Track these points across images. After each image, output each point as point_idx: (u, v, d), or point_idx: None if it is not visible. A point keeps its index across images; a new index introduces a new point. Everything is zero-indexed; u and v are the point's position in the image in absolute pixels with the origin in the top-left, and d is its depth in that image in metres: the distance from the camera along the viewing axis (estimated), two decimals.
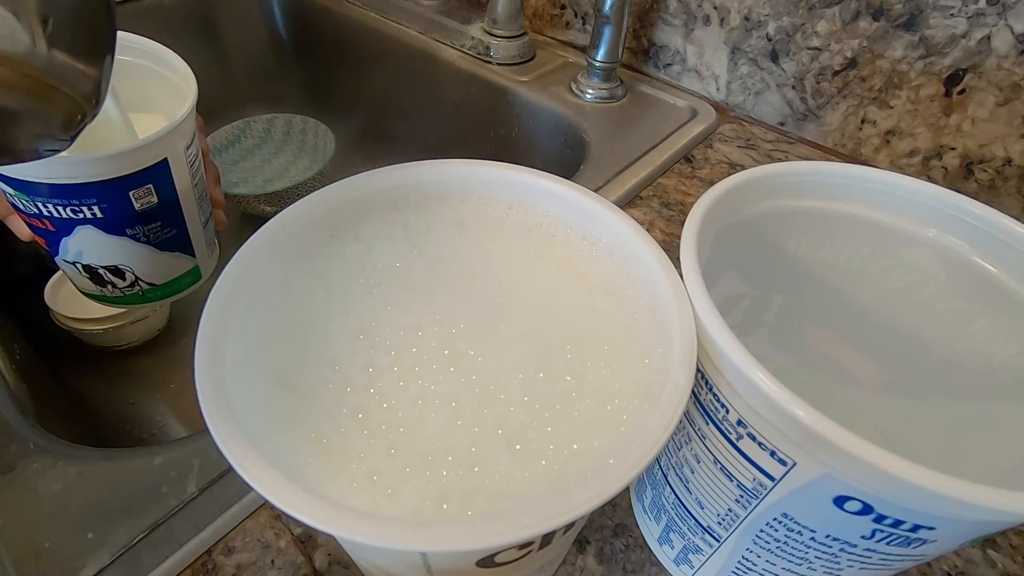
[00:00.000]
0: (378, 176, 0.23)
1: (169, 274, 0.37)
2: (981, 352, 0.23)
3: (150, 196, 0.32)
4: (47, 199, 0.30)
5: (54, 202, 0.30)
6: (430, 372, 0.19)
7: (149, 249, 0.35)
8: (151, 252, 0.35)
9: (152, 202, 0.32)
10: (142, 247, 0.34)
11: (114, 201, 0.31)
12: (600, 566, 0.27)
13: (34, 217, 0.31)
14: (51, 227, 0.32)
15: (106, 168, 0.30)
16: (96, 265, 0.35)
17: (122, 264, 0.35)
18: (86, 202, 0.31)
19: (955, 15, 0.42)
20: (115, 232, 0.33)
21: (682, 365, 0.17)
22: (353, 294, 0.21)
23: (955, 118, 0.45)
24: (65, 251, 0.34)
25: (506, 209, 0.24)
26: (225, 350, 0.17)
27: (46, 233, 0.33)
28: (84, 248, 0.33)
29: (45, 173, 0.29)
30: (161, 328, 0.53)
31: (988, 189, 0.46)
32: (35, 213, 0.31)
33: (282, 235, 0.20)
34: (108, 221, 0.32)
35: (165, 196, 0.33)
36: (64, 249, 0.33)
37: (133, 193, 0.31)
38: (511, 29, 0.60)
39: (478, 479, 0.16)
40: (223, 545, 0.27)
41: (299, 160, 0.73)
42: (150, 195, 0.32)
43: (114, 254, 0.34)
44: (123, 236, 0.33)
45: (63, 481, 0.28)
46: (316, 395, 0.18)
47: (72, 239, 0.33)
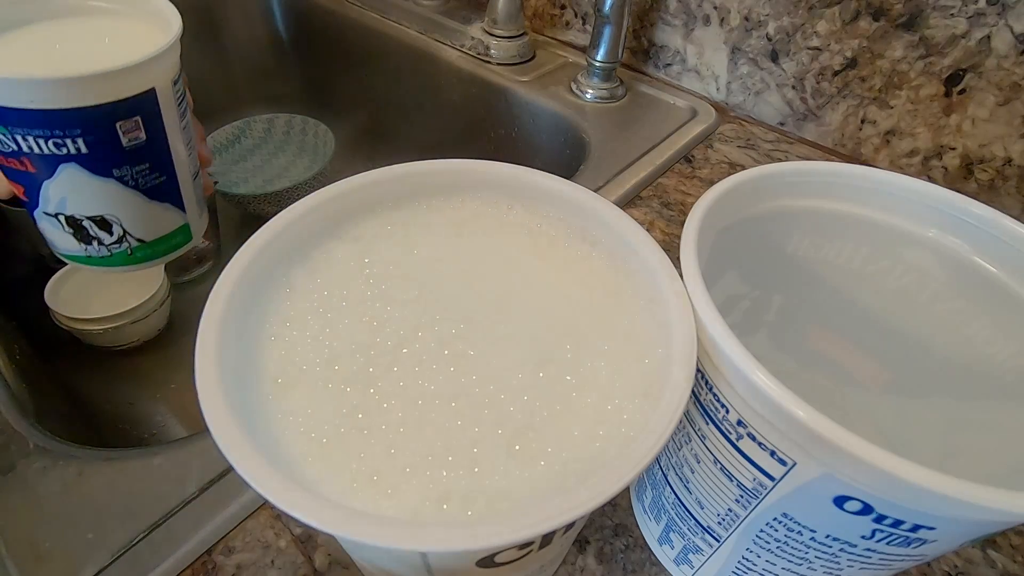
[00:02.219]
0: (378, 176, 0.23)
1: (159, 229, 0.35)
2: (981, 352, 0.23)
3: (138, 131, 0.30)
4: (27, 130, 0.28)
5: (35, 134, 0.28)
6: (430, 372, 0.19)
7: (138, 196, 0.33)
8: (140, 200, 0.33)
9: (140, 138, 0.31)
10: (130, 193, 0.32)
11: (100, 133, 0.29)
12: (600, 566, 0.27)
13: (12, 157, 0.29)
14: (31, 167, 0.30)
15: (91, 91, 0.28)
16: (81, 216, 0.32)
17: (109, 214, 0.33)
18: (70, 133, 0.29)
19: (955, 15, 0.42)
20: (101, 172, 0.31)
21: (682, 365, 0.17)
22: (353, 294, 0.21)
23: (955, 118, 0.45)
24: (46, 200, 0.32)
25: (506, 209, 0.24)
26: (225, 350, 0.17)
27: (26, 178, 0.31)
28: (68, 194, 0.31)
29: (26, 97, 0.27)
30: (161, 328, 0.53)
31: (988, 189, 0.46)
32: (13, 151, 0.29)
33: (282, 235, 0.20)
34: (94, 158, 0.30)
35: (153, 133, 0.31)
36: (45, 197, 0.31)
37: (120, 125, 0.30)
38: (511, 29, 0.60)
39: (478, 479, 0.16)
40: (223, 545, 0.27)
41: (299, 160, 0.74)
42: (138, 129, 0.30)
43: (101, 200, 0.32)
44: (110, 178, 0.31)
45: (63, 481, 0.28)
46: (316, 395, 0.18)
47: (54, 182, 0.31)
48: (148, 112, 0.31)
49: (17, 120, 0.28)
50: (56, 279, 0.48)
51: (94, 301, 0.49)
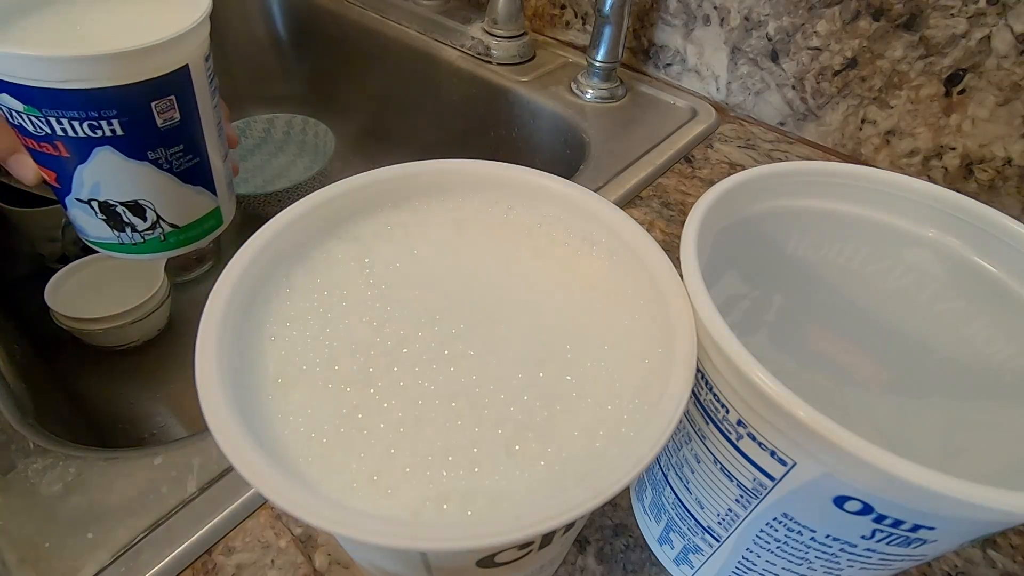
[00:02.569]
0: (378, 176, 0.23)
1: (192, 214, 0.34)
2: (981, 352, 0.23)
3: (172, 111, 0.30)
4: (62, 112, 0.27)
5: (70, 115, 0.27)
6: (430, 372, 0.19)
7: (171, 180, 0.32)
8: (174, 184, 0.32)
9: (175, 119, 0.30)
10: (164, 176, 0.31)
11: (136, 114, 0.28)
12: (600, 566, 0.27)
13: (45, 141, 0.28)
14: (65, 152, 0.29)
15: (128, 69, 0.27)
16: (114, 201, 0.31)
17: (143, 199, 0.32)
18: (105, 114, 0.28)
19: (955, 15, 0.42)
20: (136, 155, 0.30)
21: (682, 365, 0.17)
22: (353, 294, 0.21)
23: (955, 118, 0.45)
24: (80, 186, 0.30)
25: (506, 209, 0.24)
26: (226, 350, 0.17)
27: (58, 163, 0.30)
28: (102, 178, 0.30)
29: (61, 75, 0.26)
30: (161, 328, 0.53)
31: (988, 189, 0.46)
32: (46, 135, 0.28)
33: (282, 235, 0.20)
34: (129, 140, 0.29)
35: (187, 113, 0.30)
36: (79, 183, 0.30)
37: (156, 105, 0.29)
38: (511, 29, 0.60)
39: (478, 479, 0.16)
40: (223, 545, 0.27)
41: (299, 160, 0.74)
42: (172, 109, 0.29)
43: (135, 185, 0.31)
44: (144, 161, 0.30)
45: (63, 481, 0.28)
46: (316, 395, 0.18)
47: (88, 167, 0.30)
48: (182, 90, 0.30)
49: (51, 101, 0.27)
50: (56, 279, 0.48)
51: (94, 301, 0.49)
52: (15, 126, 0.29)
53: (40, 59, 0.26)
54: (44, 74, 0.26)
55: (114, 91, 0.27)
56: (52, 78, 0.26)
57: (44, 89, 0.26)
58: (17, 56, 0.25)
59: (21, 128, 0.28)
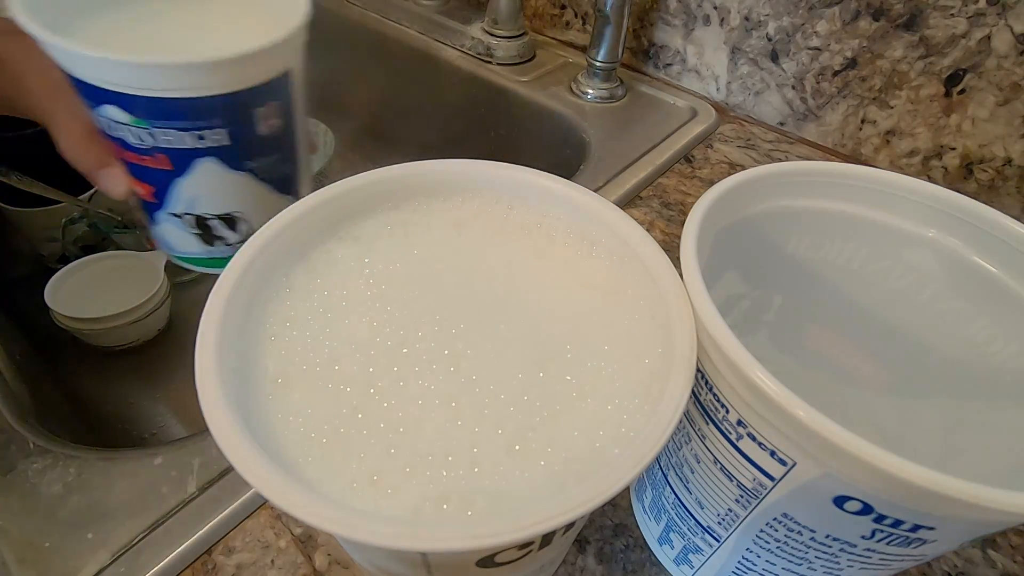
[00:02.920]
0: (378, 176, 0.23)
1: None
2: (981, 352, 0.23)
3: (274, 117, 0.28)
4: (167, 122, 0.26)
5: (176, 126, 0.26)
6: (430, 372, 0.19)
7: (266, 189, 0.30)
8: (268, 193, 0.31)
9: (276, 126, 0.28)
10: (261, 187, 0.30)
11: (241, 122, 0.27)
12: (600, 566, 0.27)
13: (146, 154, 0.27)
14: (168, 165, 0.27)
15: (237, 75, 0.25)
16: (210, 215, 0.30)
17: (237, 211, 0.30)
18: (213, 123, 0.26)
19: (955, 15, 0.42)
20: (237, 166, 0.28)
21: (682, 365, 0.17)
22: (353, 294, 0.21)
23: (955, 118, 0.45)
24: (176, 200, 0.29)
25: (506, 209, 0.24)
26: (225, 350, 0.17)
27: (156, 177, 0.28)
28: (201, 191, 0.29)
29: (169, 84, 0.24)
30: (161, 328, 0.53)
31: (988, 189, 0.46)
32: (150, 148, 0.27)
33: (282, 235, 0.20)
34: (232, 150, 0.28)
35: (287, 120, 0.29)
36: (176, 197, 0.29)
37: (260, 111, 0.27)
38: (511, 29, 0.60)
39: (478, 479, 0.16)
40: (223, 545, 0.27)
41: None
42: (274, 116, 0.28)
43: (233, 196, 0.29)
44: (244, 172, 0.29)
45: (63, 481, 0.28)
46: (316, 395, 0.18)
47: (188, 180, 0.28)
48: (284, 96, 0.28)
49: (157, 112, 0.25)
50: (56, 279, 0.48)
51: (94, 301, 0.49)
52: (115, 139, 0.27)
53: (146, 67, 0.24)
54: (149, 82, 0.24)
55: (221, 99, 0.26)
56: (158, 87, 0.25)
57: (152, 99, 0.25)
58: (127, 64, 0.24)
59: (122, 141, 0.27)
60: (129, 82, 0.24)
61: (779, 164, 0.24)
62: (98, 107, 0.26)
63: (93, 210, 0.52)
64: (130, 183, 0.29)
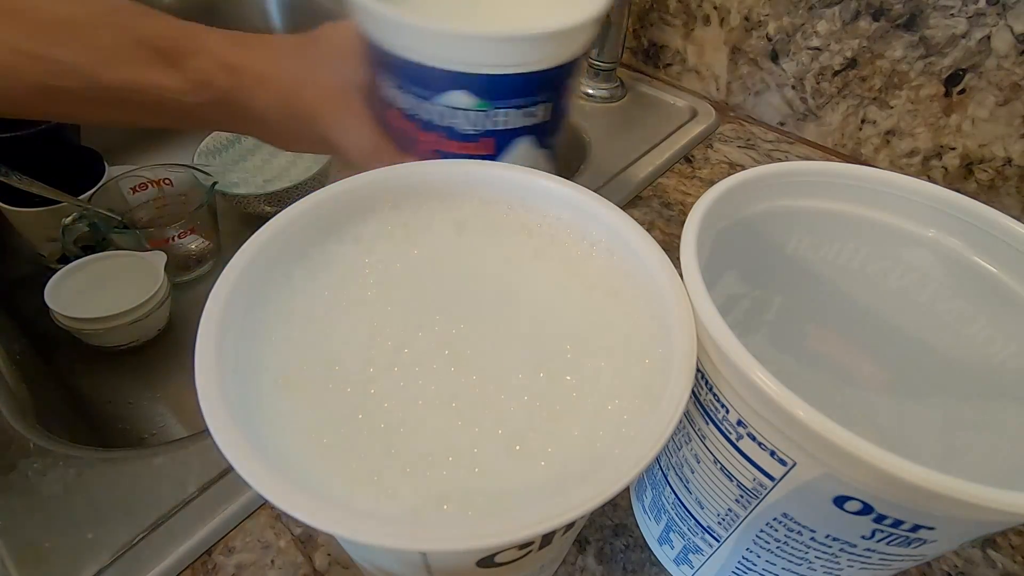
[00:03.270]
0: (378, 176, 0.23)
1: None
2: (981, 352, 0.23)
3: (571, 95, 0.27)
4: (508, 101, 0.25)
5: (515, 103, 0.25)
6: (430, 372, 0.19)
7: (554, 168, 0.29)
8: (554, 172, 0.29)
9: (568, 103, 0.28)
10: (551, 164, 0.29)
11: (558, 96, 0.26)
12: (600, 566, 0.27)
13: (471, 140, 0.26)
14: (491, 149, 0.27)
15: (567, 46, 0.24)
16: None
17: None
18: (540, 98, 0.25)
19: (955, 15, 0.42)
20: (544, 143, 0.28)
21: (682, 365, 0.17)
22: (353, 294, 0.21)
23: (955, 118, 0.45)
24: None
25: (506, 209, 0.24)
26: (225, 350, 0.17)
27: None
28: None
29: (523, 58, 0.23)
30: (161, 328, 0.53)
31: (988, 189, 0.46)
32: (480, 132, 0.26)
33: (282, 235, 0.20)
34: (546, 126, 0.27)
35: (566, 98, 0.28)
36: None
37: (569, 84, 0.26)
38: None
39: (478, 479, 0.16)
40: (223, 545, 0.27)
41: (299, 160, 0.73)
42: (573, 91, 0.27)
43: None
44: (546, 148, 0.28)
45: (63, 481, 0.28)
46: (316, 395, 0.18)
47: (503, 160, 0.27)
48: (578, 72, 0.27)
49: (500, 91, 0.24)
50: (56, 279, 0.48)
51: (94, 301, 0.49)
52: (441, 128, 0.26)
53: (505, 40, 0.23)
54: (506, 58, 0.23)
55: (553, 72, 0.25)
56: (513, 62, 0.23)
57: (497, 77, 0.24)
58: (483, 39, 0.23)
59: (449, 130, 0.26)
60: (484, 60, 0.23)
61: (779, 164, 0.24)
62: (440, 95, 0.25)
63: (93, 210, 0.52)
64: None
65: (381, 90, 0.28)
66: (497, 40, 0.23)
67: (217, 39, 0.31)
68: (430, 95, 0.25)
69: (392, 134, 0.29)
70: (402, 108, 0.27)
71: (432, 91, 0.25)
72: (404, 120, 0.27)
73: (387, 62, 0.25)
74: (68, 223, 0.50)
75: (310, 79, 0.30)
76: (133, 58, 0.29)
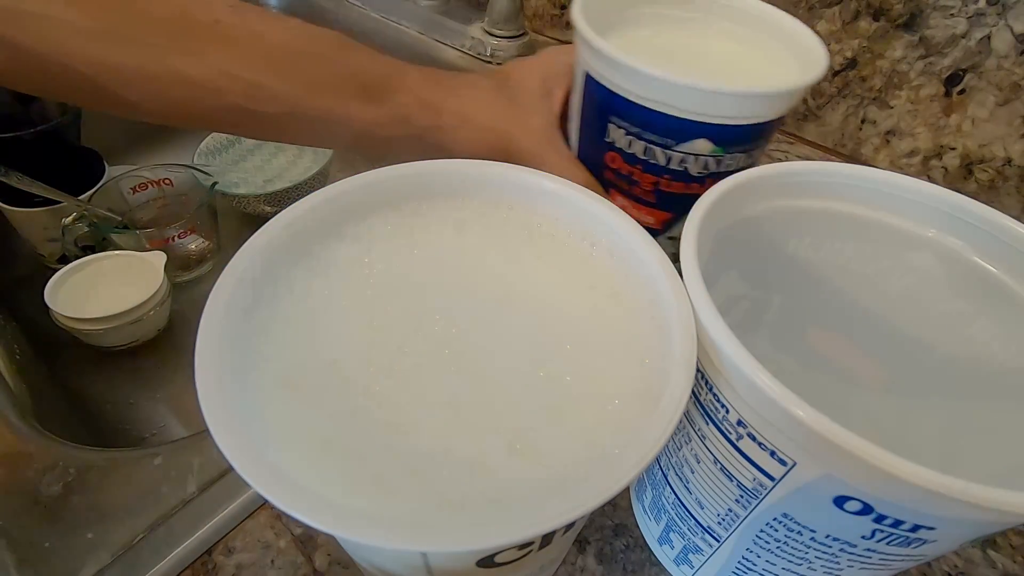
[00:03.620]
0: (378, 176, 0.23)
1: None
2: (981, 352, 0.23)
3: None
4: (740, 146, 0.28)
5: (743, 148, 0.28)
6: (430, 372, 0.19)
7: None
8: None
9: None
10: None
11: (763, 145, 0.29)
12: (600, 566, 0.27)
13: (697, 182, 0.29)
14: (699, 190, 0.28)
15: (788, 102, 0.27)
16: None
17: None
18: (760, 143, 0.28)
19: (955, 15, 0.42)
20: None
21: (682, 365, 0.17)
22: (353, 294, 0.21)
23: (955, 118, 0.45)
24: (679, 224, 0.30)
25: (506, 209, 0.24)
26: (225, 350, 0.17)
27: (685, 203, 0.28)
28: None
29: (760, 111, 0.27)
30: (161, 328, 0.53)
31: (988, 189, 0.46)
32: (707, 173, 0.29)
33: (282, 235, 0.20)
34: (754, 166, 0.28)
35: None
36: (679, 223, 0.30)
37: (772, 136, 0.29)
38: (511, 29, 0.60)
39: (478, 479, 0.16)
40: (223, 545, 0.27)
41: (299, 160, 0.73)
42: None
43: None
44: None
45: (63, 481, 0.28)
46: (316, 395, 0.18)
47: None
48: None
49: (734, 138, 0.27)
50: (56, 279, 0.48)
51: (94, 301, 0.49)
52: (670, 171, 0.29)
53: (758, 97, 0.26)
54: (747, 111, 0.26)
55: (774, 124, 0.28)
56: (750, 114, 0.27)
57: (733, 127, 0.27)
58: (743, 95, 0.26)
59: (678, 173, 0.29)
60: (734, 113, 0.26)
61: (779, 164, 0.24)
62: (683, 143, 0.28)
63: (93, 210, 0.52)
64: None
65: (603, 135, 0.30)
66: (753, 96, 0.26)
67: (417, 78, 0.33)
68: (673, 143, 0.28)
69: (604, 172, 0.32)
70: (630, 152, 0.29)
71: (676, 140, 0.28)
72: (625, 162, 0.30)
73: (628, 112, 0.28)
74: (68, 223, 0.51)
75: (514, 120, 0.32)
76: (337, 90, 0.31)
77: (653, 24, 0.33)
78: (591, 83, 0.29)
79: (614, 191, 0.32)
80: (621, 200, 0.32)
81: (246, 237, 0.20)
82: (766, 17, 0.32)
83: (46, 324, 0.48)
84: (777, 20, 0.31)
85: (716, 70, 0.31)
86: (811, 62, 0.29)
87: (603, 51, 0.27)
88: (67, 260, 0.50)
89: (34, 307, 0.49)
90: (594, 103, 0.30)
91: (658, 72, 0.26)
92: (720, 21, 0.33)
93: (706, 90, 0.25)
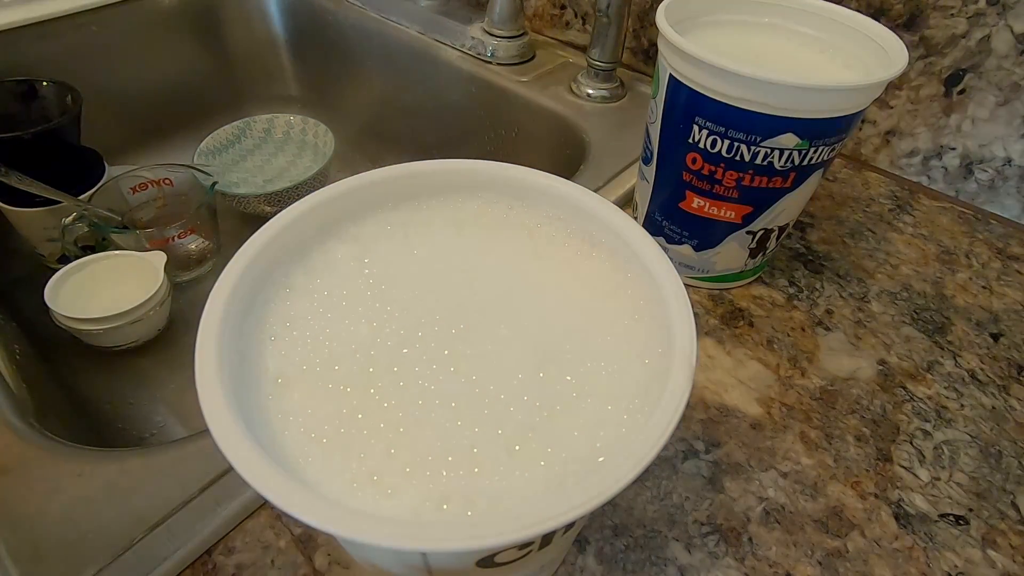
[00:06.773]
0: (378, 176, 0.23)
1: None
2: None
3: None
4: (823, 140, 0.29)
5: (826, 141, 0.29)
6: (430, 372, 0.19)
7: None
8: None
9: None
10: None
11: (845, 137, 0.30)
12: (600, 566, 0.27)
13: (780, 175, 0.30)
14: (791, 183, 0.31)
15: (873, 94, 0.29)
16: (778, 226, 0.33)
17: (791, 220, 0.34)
18: (841, 136, 0.30)
19: (955, 15, 0.42)
20: (824, 175, 0.32)
21: (682, 365, 0.17)
22: (353, 294, 0.21)
23: (955, 118, 0.45)
24: (767, 216, 0.33)
25: (506, 209, 0.24)
26: (226, 350, 0.17)
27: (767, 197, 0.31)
28: (791, 205, 0.32)
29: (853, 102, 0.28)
30: (161, 328, 0.53)
31: (988, 189, 0.46)
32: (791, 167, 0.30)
33: (282, 235, 0.20)
34: (829, 161, 0.31)
35: None
36: (769, 213, 0.32)
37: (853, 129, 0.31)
38: (511, 29, 0.60)
39: (478, 479, 0.16)
40: (223, 545, 0.27)
41: (299, 160, 0.73)
42: None
43: (801, 205, 0.33)
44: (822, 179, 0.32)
45: (63, 481, 0.28)
46: (316, 395, 0.18)
47: (794, 195, 0.31)
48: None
49: (819, 131, 0.28)
50: (56, 279, 0.48)
51: (94, 301, 0.49)
52: (754, 166, 0.30)
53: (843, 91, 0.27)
54: (832, 105, 0.27)
55: (852, 116, 0.29)
56: (835, 108, 0.28)
57: (821, 120, 0.28)
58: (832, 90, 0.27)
59: (763, 168, 0.30)
60: (822, 107, 0.28)
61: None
62: (769, 138, 0.29)
63: (93, 210, 0.52)
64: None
65: (687, 136, 0.31)
66: (841, 90, 0.27)
67: None
68: (760, 139, 0.29)
69: (682, 174, 0.32)
70: (713, 151, 0.30)
71: (763, 135, 0.29)
72: (707, 162, 0.31)
73: (714, 112, 0.29)
74: (68, 223, 0.51)
75: None
76: None
77: (729, 29, 0.35)
78: (676, 85, 0.30)
79: (690, 192, 0.33)
80: (698, 200, 0.33)
81: (246, 237, 0.20)
82: (836, 16, 0.33)
83: (46, 324, 0.48)
84: (849, 18, 0.33)
85: (795, 68, 0.33)
86: (890, 56, 0.30)
87: (692, 53, 0.28)
88: (67, 260, 0.50)
89: (34, 307, 0.49)
90: (679, 105, 0.31)
91: (747, 70, 0.27)
92: (792, 23, 0.35)
93: (796, 86, 0.27)
